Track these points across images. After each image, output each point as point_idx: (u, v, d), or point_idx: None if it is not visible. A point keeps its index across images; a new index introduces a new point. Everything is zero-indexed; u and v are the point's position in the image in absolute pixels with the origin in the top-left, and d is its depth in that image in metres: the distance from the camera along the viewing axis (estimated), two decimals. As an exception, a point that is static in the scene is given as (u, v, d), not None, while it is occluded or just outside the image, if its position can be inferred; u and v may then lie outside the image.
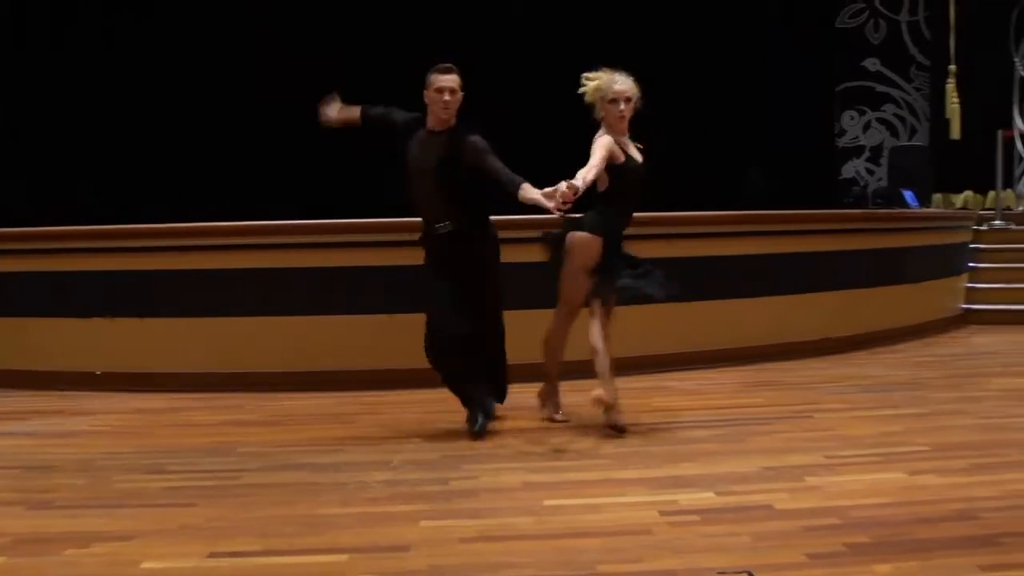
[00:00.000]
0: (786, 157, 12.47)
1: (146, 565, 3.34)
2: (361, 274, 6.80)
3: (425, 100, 5.18)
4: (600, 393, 5.06)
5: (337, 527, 3.72)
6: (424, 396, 6.21)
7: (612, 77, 5.10)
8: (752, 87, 12.17)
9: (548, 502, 3.99)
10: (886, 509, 3.81)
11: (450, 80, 5.11)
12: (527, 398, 5.66)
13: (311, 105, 5.60)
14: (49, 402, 6.40)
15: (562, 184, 4.69)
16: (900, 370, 7.12)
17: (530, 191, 4.86)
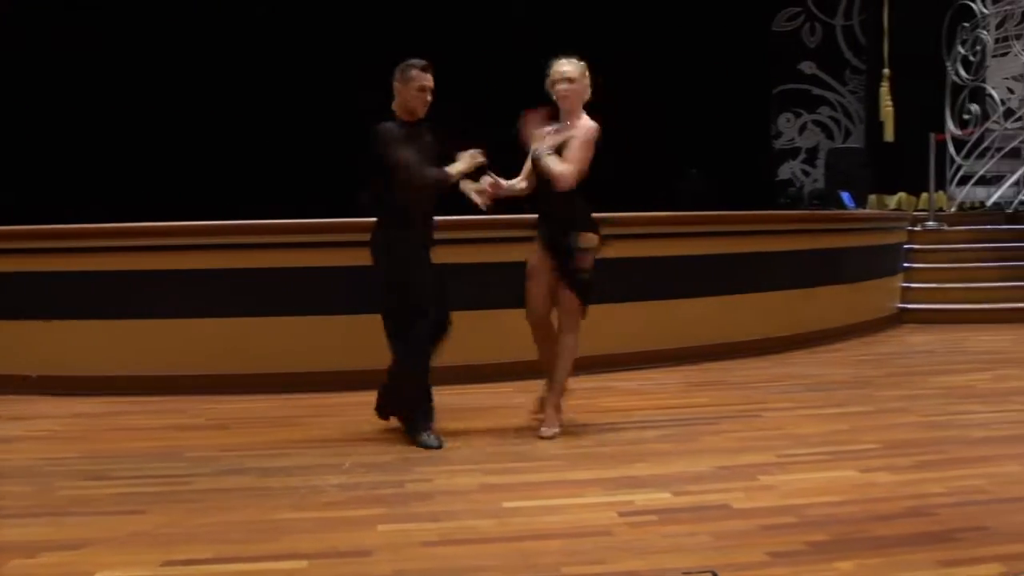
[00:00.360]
0: (723, 158, 12.64)
1: (100, 575, 3.24)
2: (302, 275, 6.69)
3: (397, 92, 5.10)
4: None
5: (294, 532, 3.65)
6: (369, 398, 6.10)
7: (560, 60, 5.13)
8: (689, 89, 12.31)
9: (506, 504, 3.96)
10: (841, 507, 3.86)
11: (431, 79, 5.12)
12: (475, 399, 5.65)
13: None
14: (-19, 407, 6.21)
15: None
16: (841, 369, 7.23)
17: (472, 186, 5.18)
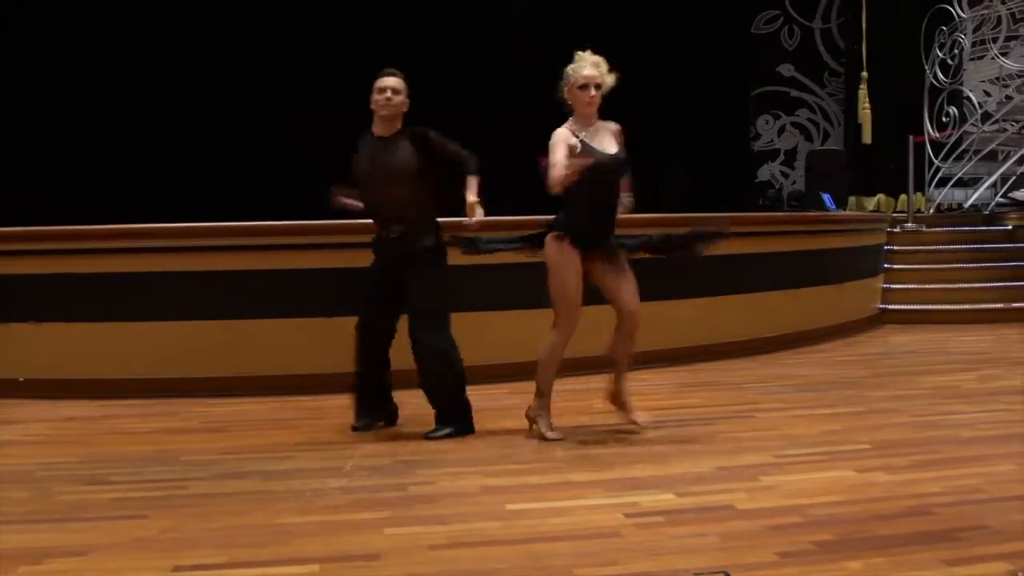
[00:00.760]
0: (702, 160, 12.71)
1: (110, 581, 3.23)
2: (295, 277, 6.68)
3: (372, 107, 5.23)
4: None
5: (300, 536, 3.64)
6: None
7: (580, 62, 4.99)
8: (668, 91, 12.36)
9: (511, 506, 3.97)
10: (843, 507, 3.90)
11: (390, 79, 5.16)
12: (471, 400, 5.64)
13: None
14: (-31, 411, 6.15)
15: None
16: (828, 369, 7.30)
17: (472, 188, 5.15)
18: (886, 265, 10.25)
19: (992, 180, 11.32)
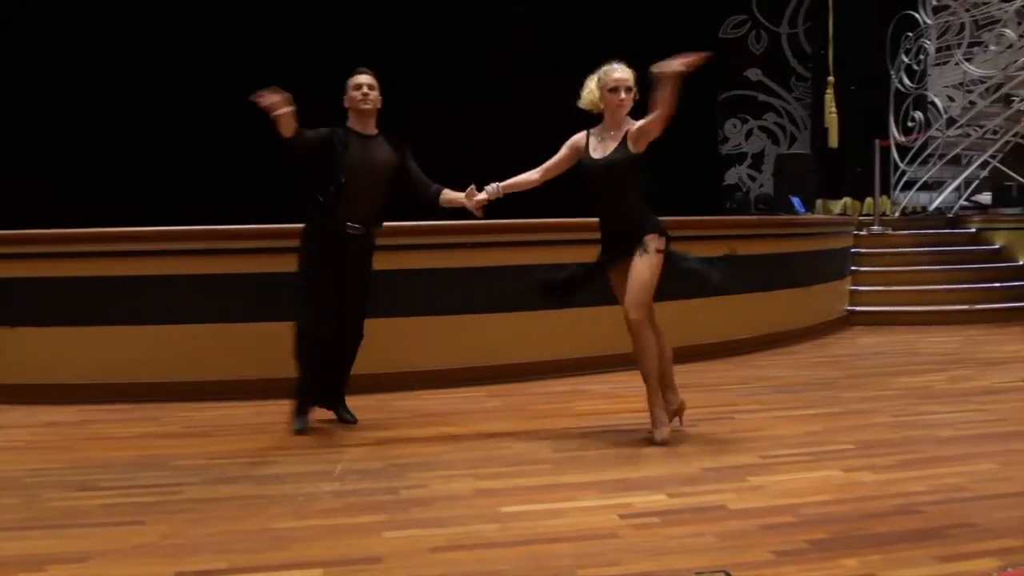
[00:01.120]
0: (670, 163, 12.78)
1: (114, 587, 3.22)
2: (274, 280, 6.64)
3: (346, 104, 5.41)
4: None
5: (299, 540, 3.65)
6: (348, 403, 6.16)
7: (611, 66, 5.13)
8: (637, 95, 12.44)
9: (505, 509, 4.00)
10: (833, 506, 3.97)
11: (366, 76, 5.37)
12: (448, 404, 5.71)
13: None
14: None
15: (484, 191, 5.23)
16: (802, 371, 7.40)
17: (451, 194, 5.42)
18: (853, 268, 10.42)
19: (956, 184, 11.53)
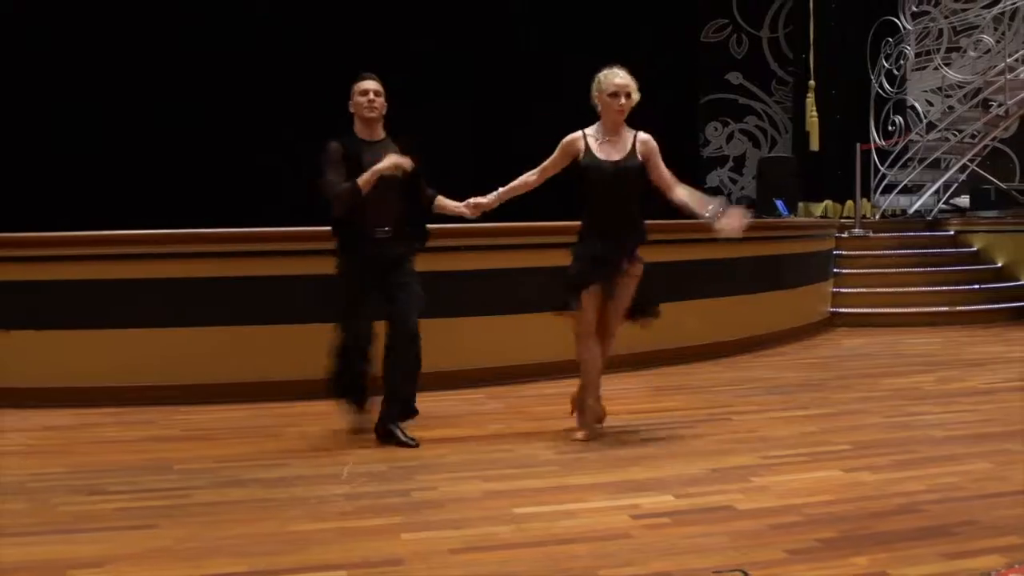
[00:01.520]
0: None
1: (140, 591, 3.24)
2: (270, 284, 6.67)
3: (351, 108, 5.34)
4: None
5: (318, 543, 3.68)
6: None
7: (612, 71, 5.15)
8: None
9: (518, 510, 4.05)
10: (837, 506, 4.06)
11: (372, 83, 5.30)
12: (448, 406, 5.75)
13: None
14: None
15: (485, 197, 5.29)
16: (791, 372, 7.50)
17: (445, 201, 5.43)
18: (835, 270, 10.54)
19: (935, 187, 11.70)
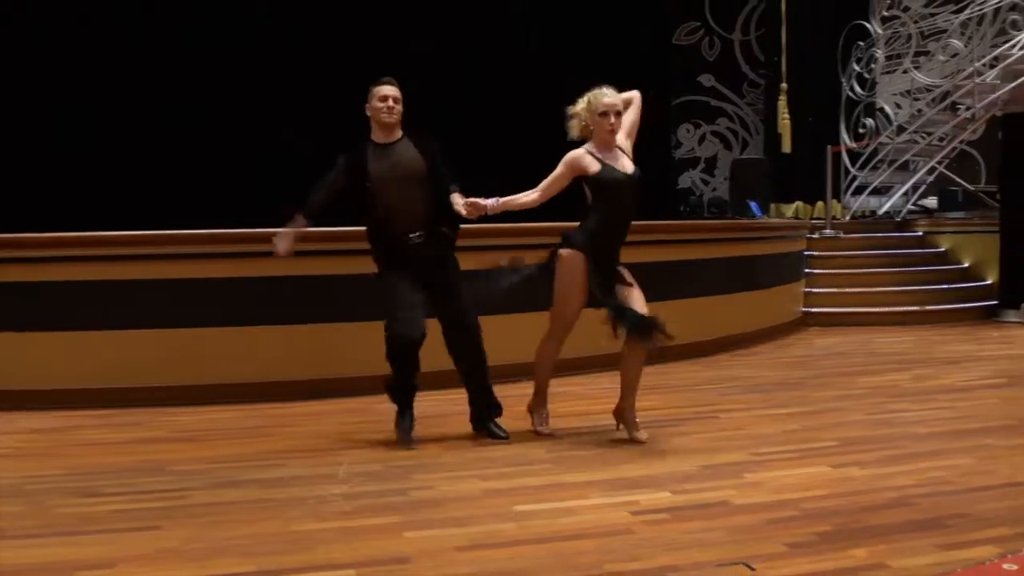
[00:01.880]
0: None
1: (151, 591, 3.25)
2: (255, 285, 6.67)
3: (368, 113, 5.34)
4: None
5: (323, 543, 3.71)
6: (330, 407, 6.27)
7: (601, 90, 5.20)
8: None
9: (518, 508, 4.10)
10: (830, 500, 4.14)
11: (391, 88, 5.31)
12: (440, 406, 5.77)
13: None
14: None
15: (486, 201, 5.18)
16: (769, 371, 7.60)
17: (456, 197, 5.30)
18: (807, 270, 10.69)
19: (904, 189, 11.89)
